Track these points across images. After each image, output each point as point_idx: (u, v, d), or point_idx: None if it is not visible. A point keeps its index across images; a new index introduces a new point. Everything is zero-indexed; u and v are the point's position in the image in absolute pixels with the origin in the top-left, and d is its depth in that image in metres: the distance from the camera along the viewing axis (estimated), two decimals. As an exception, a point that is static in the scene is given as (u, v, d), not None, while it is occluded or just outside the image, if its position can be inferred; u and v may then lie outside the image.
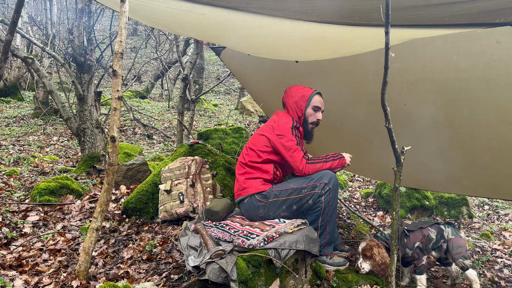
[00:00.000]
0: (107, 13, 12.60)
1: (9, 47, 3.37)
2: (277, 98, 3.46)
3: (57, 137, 7.38)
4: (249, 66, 3.95)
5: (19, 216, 3.57)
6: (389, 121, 2.04)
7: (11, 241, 3.07)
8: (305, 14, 2.25)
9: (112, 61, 5.14)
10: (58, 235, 3.13)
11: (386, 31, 1.85)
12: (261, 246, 2.27)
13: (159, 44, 13.05)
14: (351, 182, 6.12)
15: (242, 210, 2.87)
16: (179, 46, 6.63)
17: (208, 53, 16.74)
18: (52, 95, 4.99)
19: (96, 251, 2.86)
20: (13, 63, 10.93)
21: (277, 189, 2.78)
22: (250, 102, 11.15)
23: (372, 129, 3.58)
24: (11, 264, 2.66)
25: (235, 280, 2.05)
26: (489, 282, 3.10)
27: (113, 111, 2.30)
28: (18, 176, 4.82)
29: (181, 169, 3.36)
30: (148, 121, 9.10)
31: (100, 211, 2.37)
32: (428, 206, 4.84)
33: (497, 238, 4.32)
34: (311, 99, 2.91)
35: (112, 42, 6.94)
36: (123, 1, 2.24)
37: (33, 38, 7.04)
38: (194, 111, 5.79)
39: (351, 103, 3.54)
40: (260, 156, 2.85)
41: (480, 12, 1.83)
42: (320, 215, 2.67)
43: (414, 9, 1.96)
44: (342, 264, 2.74)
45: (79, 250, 2.91)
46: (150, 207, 3.51)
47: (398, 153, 2.10)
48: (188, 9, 2.48)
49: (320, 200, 2.65)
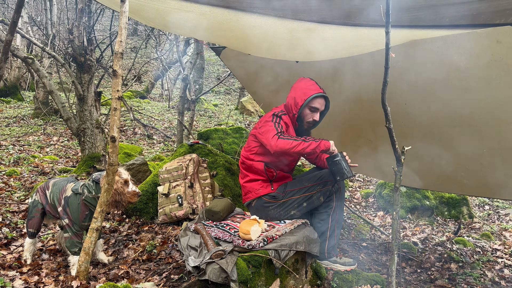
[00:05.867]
0: (107, 13, 12.60)
1: (9, 47, 3.37)
2: (277, 98, 3.46)
3: (57, 137, 7.38)
4: (249, 66, 3.94)
5: (19, 216, 3.57)
6: (389, 121, 2.03)
7: (11, 241, 3.07)
8: (305, 14, 2.25)
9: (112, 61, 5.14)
10: (58, 235, 3.13)
11: (386, 31, 1.84)
12: (261, 246, 2.27)
13: (159, 44, 13.05)
14: (351, 182, 6.11)
15: (253, 212, 2.86)
16: (179, 46, 6.63)
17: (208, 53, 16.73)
18: (52, 95, 4.99)
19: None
20: (13, 63, 10.93)
21: (289, 188, 2.78)
22: (250, 102, 11.15)
23: (372, 128, 3.58)
24: (11, 264, 2.66)
25: (235, 280, 2.04)
26: (489, 282, 3.09)
27: (113, 111, 2.29)
28: (18, 176, 4.82)
29: (178, 170, 3.34)
30: (148, 121, 9.10)
31: (100, 211, 2.36)
32: (429, 206, 4.84)
33: (497, 238, 4.31)
34: (310, 100, 2.79)
35: (112, 42, 6.93)
36: (123, 1, 2.23)
37: (33, 38, 7.04)
38: (194, 111, 5.79)
39: (351, 103, 3.53)
40: (250, 158, 2.84)
41: (480, 13, 1.83)
42: (331, 215, 2.67)
43: (414, 10, 1.96)
44: (352, 264, 2.75)
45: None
46: (150, 207, 3.51)
47: (398, 153, 2.10)
48: (188, 9, 2.48)
49: (331, 198, 2.65)
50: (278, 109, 2.88)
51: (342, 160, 2.59)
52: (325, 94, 2.84)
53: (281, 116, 2.76)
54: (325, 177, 2.71)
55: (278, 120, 2.72)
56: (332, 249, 2.75)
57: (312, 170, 3.07)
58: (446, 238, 4.10)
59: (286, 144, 2.53)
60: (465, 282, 3.04)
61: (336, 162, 2.59)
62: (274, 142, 2.55)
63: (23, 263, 2.70)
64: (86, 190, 2.59)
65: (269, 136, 2.60)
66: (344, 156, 2.63)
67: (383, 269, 3.03)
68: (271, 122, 2.70)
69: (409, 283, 2.93)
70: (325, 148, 2.61)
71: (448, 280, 3.06)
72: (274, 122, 2.69)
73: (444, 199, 5.07)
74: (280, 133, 2.61)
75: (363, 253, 3.36)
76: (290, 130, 2.82)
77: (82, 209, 2.58)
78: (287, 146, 2.53)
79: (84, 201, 2.58)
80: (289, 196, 2.76)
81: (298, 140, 2.55)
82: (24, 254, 2.74)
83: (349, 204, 5.06)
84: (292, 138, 2.57)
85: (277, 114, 2.76)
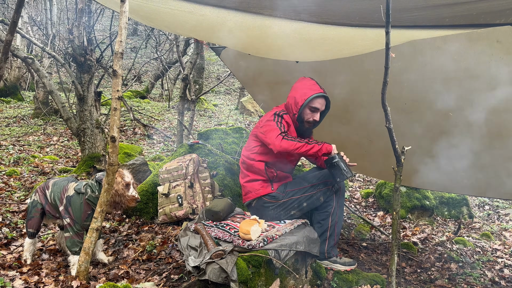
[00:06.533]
0: (107, 13, 12.59)
1: (9, 47, 3.36)
2: (277, 98, 3.46)
3: (57, 137, 7.38)
4: (249, 66, 3.94)
5: (19, 216, 3.57)
6: (389, 121, 2.03)
7: (11, 241, 3.07)
8: (306, 15, 2.25)
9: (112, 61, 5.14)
10: (58, 235, 3.13)
11: (386, 31, 1.85)
12: (261, 246, 2.27)
13: (159, 44, 13.04)
14: (351, 182, 6.12)
15: (253, 212, 2.86)
16: (179, 46, 6.63)
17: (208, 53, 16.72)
18: (52, 95, 4.99)
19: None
20: (13, 63, 10.92)
21: (289, 188, 2.78)
22: (250, 102, 11.14)
23: (373, 128, 3.58)
24: (11, 264, 2.66)
25: (235, 280, 2.04)
26: (489, 282, 3.10)
27: (113, 111, 2.30)
28: (18, 176, 4.82)
29: (178, 170, 3.34)
30: (148, 121, 9.10)
31: (100, 211, 2.36)
32: (429, 206, 4.84)
33: (497, 238, 4.31)
34: (310, 99, 2.77)
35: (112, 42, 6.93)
36: (123, 1, 2.24)
37: (33, 38, 7.03)
38: (194, 111, 5.78)
39: (351, 103, 3.53)
40: (251, 158, 2.84)
41: (480, 13, 1.83)
42: (331, 215, 2.67)
43: (415, 10, 1.96)
44: (352, 264, 2.75)
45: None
46: (150, 207, 3.51)
47: (398, 153, 2.10)
48: (188, 10, 2.48)
49: (331, 198, 2.65)
50: (279, 108, 2.87)
51: (340, 161, 2.58)
52: (326, 94, 2.82)
53: (282, 116, 2.75)
54: (325, 177, 2.71)
55: (280, 120, 2.72)
56: (332, 249, 2.75)
57: (312, 170, 3.07)
58: (446, 238, 4.10)
59: (290, 145, 2.56)
60: (465, 282, 3.04)
61: (335, 164, 2.58)
62: (278, 142, 2.57)
63: (23, 263, 2.70)
64: (90, 190, 2.60)
65: (273, 136, 2.60)
66: (341, 156, 2.62)
67: (383, 269, 3.03)
68: (273, 121, 2.69)
69: (409, 283, 2.93)
70: (327, 151, 2.62)
71: (448, 280, 3.06)
72: (276, 121, 2.69)
73: (444, 199, 5.07)
74: (284, 133, 2.63)
75: (363, 253, 3.36)
76: (291, 129, 2.81)
77: (84, 208, 2.59)
78: (291, 148, 2.56)
79: (87, 201, 2.59)
80: (289, 196, 2.76)
81: (301, 142, 2.57)
82: (24, 254, 2.74)
83: (349, 204, 5.06)
84: (296, 140, 2.59)
85: (278, 114, 2.75)
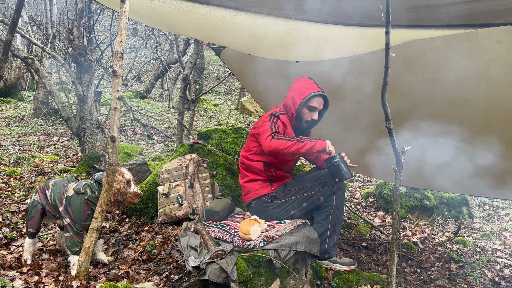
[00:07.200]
0: (107, 13, 12.59)
1: (9, 47, 3.37)
2: (277, 98, 3.46)
3: (57, 137, 7.38)
4: (249, 66, 3.94)
5: (19, 216, 3.57)
6: (389, 121, 2.03)
7: (11, 241, 3.07)
8: (305, 14, 2.25)
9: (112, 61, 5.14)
10: (58, 235, 3.13)
11: (386, 31, 1.84)
12: (261, 246, 2.27)
13: (159, 44, 13.05)
14: (351, 182, 6.12)
15: (253, 212, 2.86)
16: (179, 46, 6.63)
17: (208, 53, 16.72)
18: (52, 95, 4.99)
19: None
20: (13, 63, 10.92)
21: (288, 188, 2.78)
22: (250, 102, 11.14)
23: (373, 128, 3.58)
24: (11, 264, 2.66)
25: (235, 280, 2.04)
26: (489, 282, 3.09)
27: (113, 111, 2.30)
28: (18, 176, 4.82)
29: (178, 170, 3.34)
30: (148, 121, 9.10)
31: (100, 211, 2.36)
32: (429, 206, 4.84)
33: (497, 238, 4.31)
34: (308, 99, 2.75)
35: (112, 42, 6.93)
36: (123, 1, 2.24)
37: (33, 38, 7.04)
38: (194, 111, 5.79)
39: (352, 103, 3.53)
40: (250, 158, 2.84)
41: (480, 13, 1.83)
42: (331, 215, 2.67)
43: (415, 9, 1.96)
44: (352, 264, 2.75)
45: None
46: (150, 207, 3.51)
47: (398, 153, 2.10)
48: (188, 9, 2.48)
49: (331, 198, 2.65)
50: (276, 108, 2.87)
51: (340, 162, 2.57)
52: (324, 93, 2.80)
53: (278, 116, 2.74)
54: (325, 177, 2.71)
55: (275, 120, 2.69)
56: (332, 249, 2.75)
57: (312, 170, 3.06)
58: (446, 238, 4.10)
59: (279, 144, 2.51)
60: (465, 282, 3.04)
61: (335, 164, 2.57)
62: (267, 142, 2.54)
63: (23, 263, 2.70)
64: (89, 190, 2.60)
65: (264, 137, 2.59)
66: (342, 157, 2.60)
67: (383, 269, 3.03)
68: (268, 122, 2.69)
69: (409, 283, 2.93)
70: (321, 148, 2.56)
71: (448, 280, 3.06)
72: (271, 122, 2.68)
73: (444, 199, 5.07)
74: (274, 133, 2.58)
75: (363, 253, 3.36)
76: (289, 129, 2.80)
77: (84, 208, 2.59)
78: (280, 147, 2.51)
79: (87, 201, 2.59)
80: (289, 196, 2.76)
81: (292, 140, 2.52)
82: (24, 254, 2.74)
83: (349, 204, 5.06)
84: (287, 139, 2.54)
85: (275, 114, 2.74)
